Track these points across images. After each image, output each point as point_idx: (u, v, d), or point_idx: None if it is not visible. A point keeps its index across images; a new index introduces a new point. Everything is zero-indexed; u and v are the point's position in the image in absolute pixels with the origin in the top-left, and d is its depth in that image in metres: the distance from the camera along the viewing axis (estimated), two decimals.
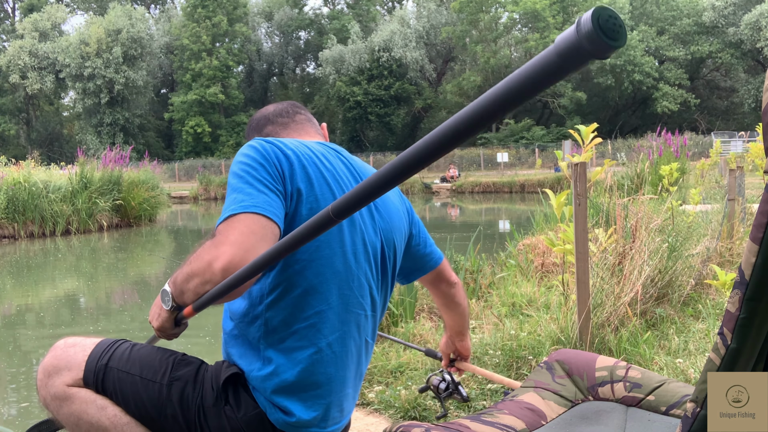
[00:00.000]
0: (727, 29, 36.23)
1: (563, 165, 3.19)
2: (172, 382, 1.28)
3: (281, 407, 1.24)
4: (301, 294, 1.24)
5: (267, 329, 1.24)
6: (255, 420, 1.24)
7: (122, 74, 41.08)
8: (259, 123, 1.58)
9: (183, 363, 1.32)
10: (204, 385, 1.27)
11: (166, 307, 1.21)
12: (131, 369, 1.31)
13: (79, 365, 1.32)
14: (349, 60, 41.88)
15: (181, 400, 1.26)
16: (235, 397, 1.25)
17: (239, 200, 1.14)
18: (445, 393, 1.99)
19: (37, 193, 13.40)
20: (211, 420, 1.25)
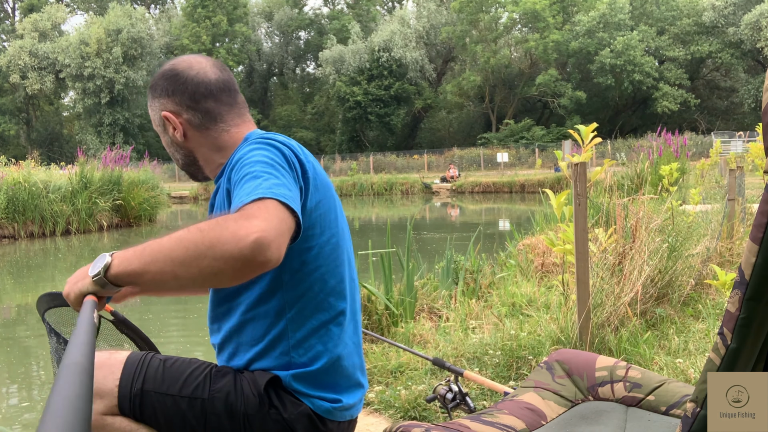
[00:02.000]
0: (727, 29, 36.22)
1: (563, 165, 3.19)
2: (213, 395, 1.27)
3: (325, 398, 1.31)
4: (325, 296, 1.31)
5: (297, 334, 1.29)
6: (303, 416, 1.28)
7: (122, 74, 41.07)
8: (197, 89, 1.37)
9: (219, 375, 1.30)
10: (244, 392, 1.28)
11: (91, 272, 1.11)
12: (169, 389, 1.27)
13: (111, 392, 1.27)
14: (349, 60, 41.89)
15: (227, 411, 1.27)
16: (279, 399, 1.28)
17: (269, 186, 1.07)
18: (452, 403, 1.99)
19: (37, 193, 13.40)
20: (257, 426, 1.27)
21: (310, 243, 1.27)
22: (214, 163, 1.41)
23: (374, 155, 38.12)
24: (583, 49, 37.87)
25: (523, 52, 41.50)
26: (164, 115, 1.38)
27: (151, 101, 1.42)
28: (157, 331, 5.73)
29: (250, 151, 1.22)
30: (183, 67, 1.40)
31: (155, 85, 1.40)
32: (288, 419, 1.27)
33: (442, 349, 3.16)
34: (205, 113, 1.38)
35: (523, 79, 42.16)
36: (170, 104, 1.38)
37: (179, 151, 1.44)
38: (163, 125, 1.41)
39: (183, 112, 1.38)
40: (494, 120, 42.94)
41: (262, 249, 0.98)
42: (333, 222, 1.32)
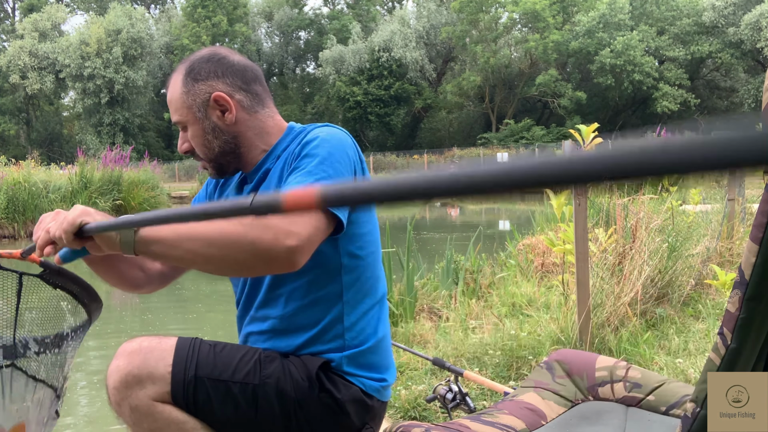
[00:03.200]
0: (727, 29, 36.21)
1: None
2: (264, 381, 1.29)
3: (373, 378, 1.39)
4: (374, 280, 1.42)
5: (351, 317, 1.36)
6: (354, 397, 1.35)
7: (122, 74, 41.06)
8: (245, 73, 1.40)
9: (268, 360, 1.32)
10: (294, 378, 1.31)
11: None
12: (221, 375, 1.28)
13: (164, 377, 1.24)
14: (349, 60, 41.89)
15: (278, 396, 1.29)
16: (330, 382, 1.33)
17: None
18: (452, 403, 1.99)
19: (37, 193, 13.40)
20: (310, 410, 1.30)
21: (363, 229, 1.37)
22: (257, 149, 1.40)
23: (374, 155, 38.12)
24: (583, 49, 37.87)
25: (523, 52, 41.48)
26: (216, 95, 1.35)
27: (192, 86, 1.36)
28: (156, 330, 5.72)
29: (318, 144, 1.28)
30: (225, 53, 1.41)
31: (197, 69, 1.36)
32: (341, 401, 1.32)
33: (442, 349, 3.16)
34: (255, 96, 1.40)
35: (523, 79, 42.16)
36: (221, 85, 1.36)
37: (220, 138, 1.37)
38: (205, 110, 1.36)
39: (235, 93, 1.38)
40: (494, 120, 42.93)
41: (293, 256, 1.10)
42: (372, 212, 1.44)
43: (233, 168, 1.43)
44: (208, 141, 1.38)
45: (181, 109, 1.37)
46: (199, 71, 1.36)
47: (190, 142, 1.40)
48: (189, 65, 1.38)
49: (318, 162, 1.24)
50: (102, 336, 5.03)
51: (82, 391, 3.96)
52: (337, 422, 1.34)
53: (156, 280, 1.51)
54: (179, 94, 1.37)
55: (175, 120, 1.40)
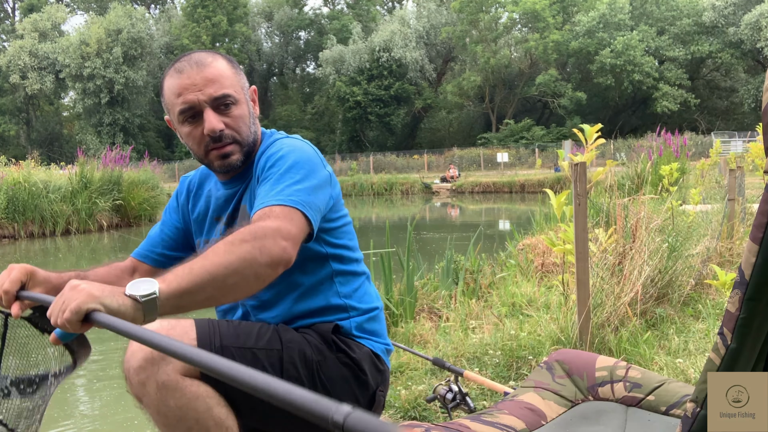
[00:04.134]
0: (727, 29, 36.21)
1: (564, 165, 3.19)
2: (287, 345, 1.34)
3: (379, 341, 1.50)
4: (357, 262, 1.54)
5: (344, 291, 1.47)
6: (367, 355, 1.44)
7: (122, 74, 41.05)
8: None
9: (284, 329, 1.38)
10: (310, 342, 1.38)
11: (137, 291, 1.00)
12: (246, 343, 1.30)
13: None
14: (349, 60, 41.88)
15: (303, 359, 1.34)
16: (344, 344, 1.42)
17: (297, 193, 1.26)
18: (452, 403, 1.99)
19: (37, 193, 13.40)
20: (331, 370, 1.38)
21: (338, 222, 1.48)
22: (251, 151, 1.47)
23: (374, 155, 38.11)
24: (583, 49, 37.87)
25: (523, 52, 41.48)
26: (253, 88, 1.51)
27: (239, 71, 1.46)
28: None
29: (287, 151, 1.36)
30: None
31: (234, 61, 1.48)
32: (356, 359, 1.41)
33: (442, 349, 3.16)
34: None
35: (523, 79, 42.16)
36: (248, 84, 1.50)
37: (253, 126, 1.46)
38: (248, 96, 1.47)
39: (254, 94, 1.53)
40: (494, 120, 42.94)
41: (289, 253, 1.17)
42: (343, 206, 1.53)
43: (236, 158, 1.44)
44: (244, 123, 1.43)
45: (234, 85, 1.41)
46: (236, 63, 1.47)
47: (230, 120, 1.39)
48: (224, 56, 1.46)
49: (286, 169, 1.31)
50: (97, 331, 5.03)
51: (81, 391, 3.95)
52: (356, 380, 1.41)
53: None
54: (231, 73, 1.41)
55: (222, 93, 1.37)
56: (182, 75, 1.37)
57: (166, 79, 1.42)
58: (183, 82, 1.37)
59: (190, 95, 1.36)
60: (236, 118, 1.40)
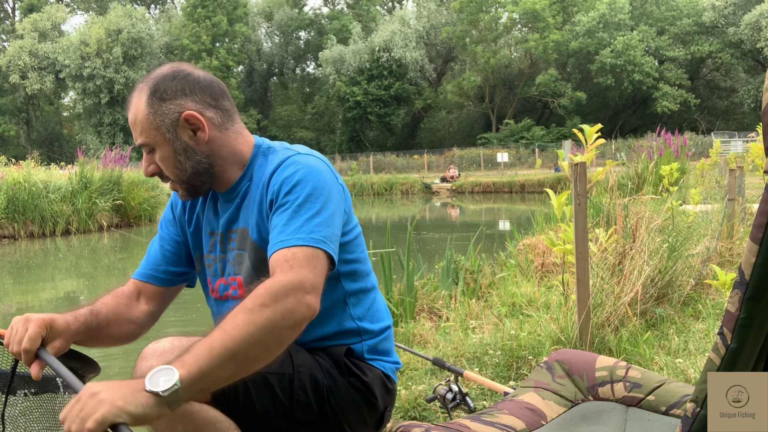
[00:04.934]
0: (727, 29, 36.23)
1: (564, 165, 3.19)
2: (298, 370, 1.31)
3: (389, 361, 1.48)
4: (367, 277, 1.48)
5: (356, 313, 1.43)
6: (378, 378, 1.42)
7: (122, 74, 41.08)
8: (211, 88, 1.34)
9: (296, 351, 1.34)
10: (322, 365, 1.35)
11: (157, 387, 0.94)
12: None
13: None
14: (349, 60, 41.89)
15: (313, 384, 1.32)
16: (356, 367, 1.39)
17: (317, 231, 1.21)
18: (452, 403, 1.99)
19: (37, 193, 13.40)
20: (341, 395, 1.35)
21: (350, 237, 1.42)
22: (232, 168, 1.36)
23: (374, 155, 38.13)
24: (583, 49, 37.88)
25: (523, 52, 41.49)
26: (187, 115, 1.29)
27: (159, 106, 1.29)
28: (155, 330, 5.72)
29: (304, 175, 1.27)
30: (188, 69, 1.34)
31: (163, 87, 1.29)
32: (368, 383, 1.39)
33: (442, 349, 3.16)
34: (225, 112, 1.36)
35: (523, 79, 42.17)
36: (191, 103, 1.30)
37: (193, 158, 1.32)
38: (175, 130, 1.30)
39: (205, 110, 1.32)
40: (494, 120, 42.94)
41: (314, 306, 1.14)
42: (353, 216, 1.47)
43: (207, 188, 1.38)
44: (180, 162, 1.32)
45: (148, 130, 1.30)
46: (165, 90, 1.29)
47: (158, 164, 1.33)
48: (153, 84, 1.30)
49: (303, 199, 1.24)
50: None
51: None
52: (366, 404, 1.39)
53: (148, 322, 1.50)
54: (145, 115, 1.29)
55: (140, 142, 1.32)
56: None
57: None
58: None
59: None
60: (160, 162, 1.32)
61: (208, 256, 1.45)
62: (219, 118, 1.34)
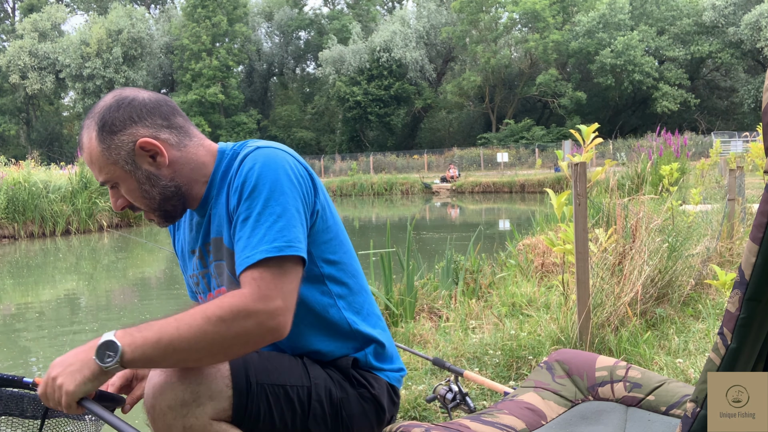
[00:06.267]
0: (727, 29, 36.22)
1: (564, 165, 3.19)
2: (315, 382, 1.30)
3: (393, 369, 1.46)
4: (356, 277, 1.43)
5: (353, 320, 1.39)
6: (384, 389, 1.41)
7: (122, 74, 41.09)
8: (159, 108, 1.29)
9: (310, 363, 1.34)
10: (333, 378, 1.34)
11: (103, 363, 1.06)
12: (278, 379, 1.26)
13: (223, 393, 1.17)
14: (349, 60, 41.89)
15: (329, 396, 1.31)
16: (364, 378, 1.38)
17: (282, 237, 1.16)
18: (452, 403, 1.98)
19: (37, 193, 13.40)
20: (351, 407, 1.34)
21: (328, 235, 1.35)
22: (198, 183, 1.32)
23: (374, 155, 38.14)
24: (583, 49, 37.88)
25: (523, 52, 41.49)
26: (142, 142, 1.24)
27: (111, 140, 1.24)
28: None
29: (259, 174, 1.21)
30: (132, 94, 1.29)
31: (110, 120, 1.24)
32: (376, 395, 1.38)
33: (442, 349, 3.16)
34: (179, 129, 1.30)
35: (523, 79, 42.17)
36: (143, 129, 1.25)
37: (158, 184, 1.28)
38: (134, 161, 1.25)
39: (159, 133, 1.27)
40: (494, 120, 42.95)
41: (280, 331, 1.12)
42: (334, 212, 1.40)
43: (181, 210, 1.34)
44: (146, 191, 1.28)
45: (106, 167, 1.25)
46: (113, 122, 1.24)
47: (125, 197, 1.30)
48: (99, 119, 1.25)
49: (262, 206, 1.19)
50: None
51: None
52: (376, 416, 1.39)
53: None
54: (99, 153, 1.24)
55: (102, 180, 1.28)
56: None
57: None
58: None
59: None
60: (127, 195, 1.29)
61: (193, 275, 1.42)
62: (175, 137, 1.29)
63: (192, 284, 1.45)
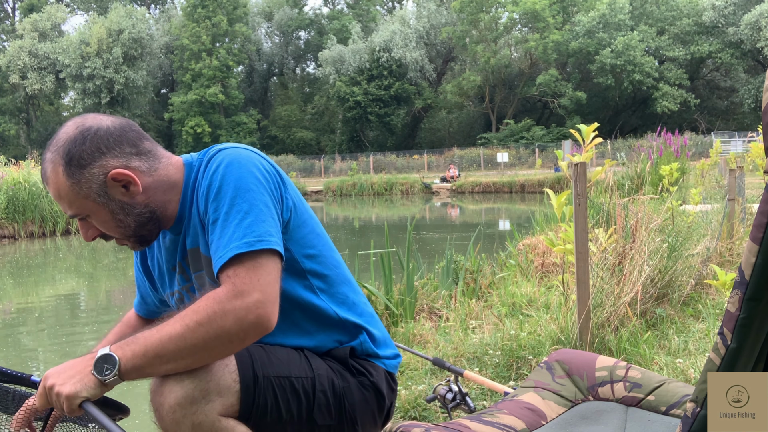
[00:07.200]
0: (727, 29, 36.22)
1: (563, 165, 3.18)
2: (318, 372, 1.32)
3: (389, 356, 1.47)
4: (337, 268, 1.42)
5: (340, 310, 1.39)
6: (383, 375, 1.43)
7: (122, 74, 41.08)
8: (126, 135, 1.25)
9: (311, 354, 1.35)
10: (333, 368, 1.36)
11: (101, 376, 1.08)
12: (282, 372, 1.26)
13: (231, 388, 1.18)
14: (349, 60, 41.89)
15: (331, 386, 1.33)
16: (363, 367, 1.40)
17: (255, 231, 1.16)
18: (452, 403, 1.98)
19: (37, 193, 13.40)
20: (353, 396, 1.36)
21: (306, 225, 1.35)
22: (171, 203, 1.30)
23: (374, 155, 38.14)
24: (583, 49, 37.88)
25: (523, 52, 41.49)
26: (113, 174, 1.21)
27: (81, 174, 1.20)
28: None
29: (223, 174, 1.21)
30: (94, 122, 1.24)
31: (77, 154, 1.19)
32: (375, 382, 1.40)
33: (442, 349, 3.16)
34: (148, 153, 1.28)
35: (523, 79, 42.17)
36: (113, 160, 1.22)
37: (132, 212, 1.26)
38: (106, 193, 1.23)
39: (130, 161, 1.24)
40: (494, 120, 42.95)
41: (263, 323, 1.11)
42: (306, 205, 1.39)
43: (156, 233, 1.33)
44: (121, 221, 1.26)
45: (76, 201, 1.22)
46: (81, 156, 1.20)
47: (98, 228, 1.28)
48: (65, 153, 1.20)
49: (228, 205, 1.18)
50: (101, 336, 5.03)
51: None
52: (377, 403, 1.41)
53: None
54: (68, 188, 1.21)
55: (72, 214, 1.25)
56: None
57: None
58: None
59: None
60: (100, 226, 1.27)
61: (175, 292, 1.41)
62: (145, 163, 1.26)
63: (175, 302, 1.43)
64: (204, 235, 1.27)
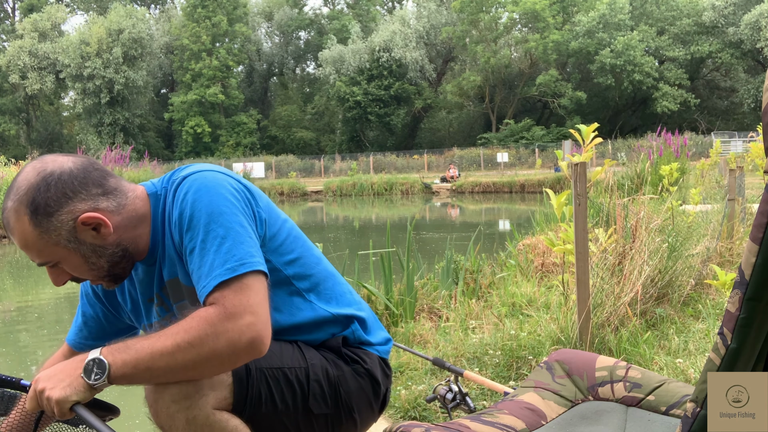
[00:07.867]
0: (727, 29, 36.22)
1: (563, 165, 3.18)
2: (311, 362, 1.33)
3: (382, 342, 1.49)
4: (317, 265, 1.43)
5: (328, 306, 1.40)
6: (377, 362, 1.45)
7: (122, 74, 41.07)
8: (90, 175, 1.21)
9: (304, 345, 1.36)
10: (327, 358, 1.37)
11: (90, 380, 1.08)
12: (274, 363, 1.27)
13: (224, 382, 1.18)
14: (349, 60, 41.89)
15: (326, 376, 1.34)
16: (356, 355, 1.41)
17: (238, 254, 1.14)
18: (452, 403, 1.98)
19: None
20: (348, 384, 1.37)
21: (280, 238, 1.34)
22: (142, 238, 1.27)
23: (374, 155, 38.13)
24: (583, 49, 37.88)
25: (523, 52, 41.49)
26: (83, 218, 1.17)
27: (48, 222, 1.16)
28: None
29: (193, 201, 1.18)
30: (55, 166, 1.19)
31: (43, 202, 1.15)
32: (370, 369, 1.41)
33: (442, 349, 3.16)
34: (115, 191, 1.24)
35: (523, 79, 42.17)
36: (80, 204, 1.18)
37: (105, 254, 1.23)
38: (76, 238, 1.19)
39: (98, 203, 1.20)
40: (494, 120, 42.95)
41: (257, 346, 1.11)
42: (277, 212, 1.38)
43: (129, 269, 1.30)
44: (94, 263, 1.23)
45: (46, 249, 1.18)
46: (46, 204, 1.15)
47: (70, 273, 1.24)
48: (29, 202, 1.15)
49: (204, 232, 1.16)
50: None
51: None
52: (372, 390, 1.43)
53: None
54: (36, 237, 1.16)
55: (40, 262, 1.22)
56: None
57: None
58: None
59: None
60: (72, 271, 1.24)
61: (153, 325, 1.40)
62: (113, 202, 1.23)
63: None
64: (182, 265, 1.25)
